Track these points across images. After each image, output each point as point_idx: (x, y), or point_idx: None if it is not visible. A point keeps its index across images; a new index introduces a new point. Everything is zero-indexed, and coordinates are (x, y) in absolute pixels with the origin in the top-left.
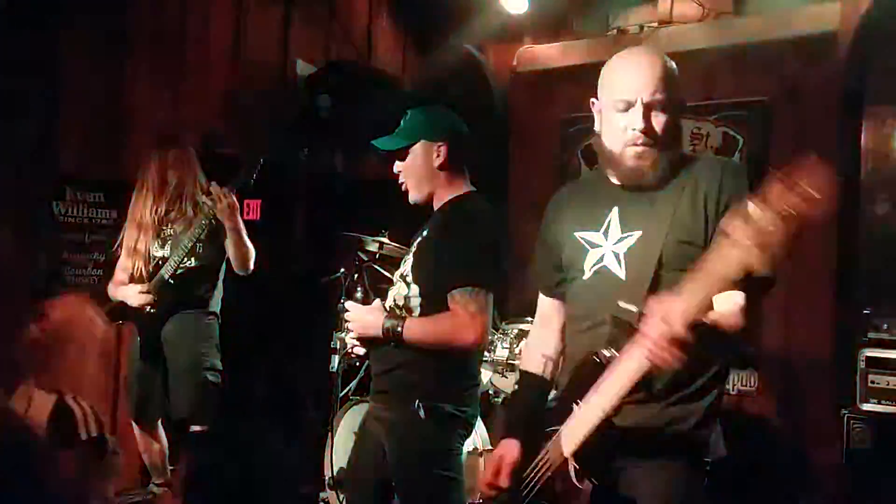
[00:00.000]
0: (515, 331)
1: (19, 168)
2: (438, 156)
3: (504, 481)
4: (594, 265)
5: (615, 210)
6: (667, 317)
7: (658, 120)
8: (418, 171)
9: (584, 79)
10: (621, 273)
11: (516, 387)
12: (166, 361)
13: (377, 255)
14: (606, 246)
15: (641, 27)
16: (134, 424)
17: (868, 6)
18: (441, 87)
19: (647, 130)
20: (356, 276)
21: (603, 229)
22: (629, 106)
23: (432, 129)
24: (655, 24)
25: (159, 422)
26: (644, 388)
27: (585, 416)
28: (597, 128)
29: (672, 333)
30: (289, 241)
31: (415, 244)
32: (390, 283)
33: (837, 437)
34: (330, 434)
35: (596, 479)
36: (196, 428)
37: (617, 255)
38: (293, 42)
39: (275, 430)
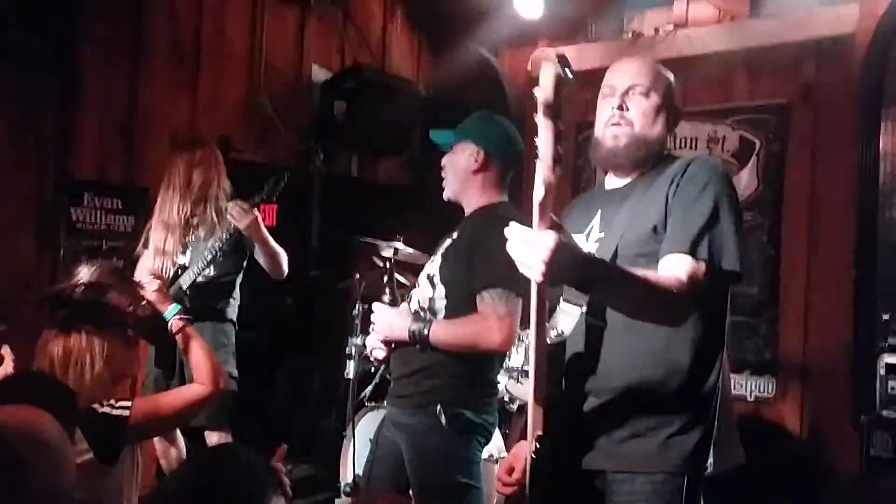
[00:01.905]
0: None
1: (37, 174)
2: (476, 161)
3: (517, 476)
4: None
5: (598, 213)
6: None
7: (634, 104)
8: (456, 169)
9: (599, 83)
10: None
11: None
12: (182, 368)
13: (392, 261)
14: (586, 247)
15: (657, 30)
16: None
17: (886, 8)
18: (456, 91)
19: (622, 108)
20: (383, 279)
21: (587, 232)
22: (613, 91)
23: (478, 135)
24: (671, 28)
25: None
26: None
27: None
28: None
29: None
30: (304, 246)
31: (443, 246)
32: (403, 287)
33: (857, 444)
34: (345, 440)
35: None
36: (214, 437)
37: None
38: (309, 47)
39: (291, 435)
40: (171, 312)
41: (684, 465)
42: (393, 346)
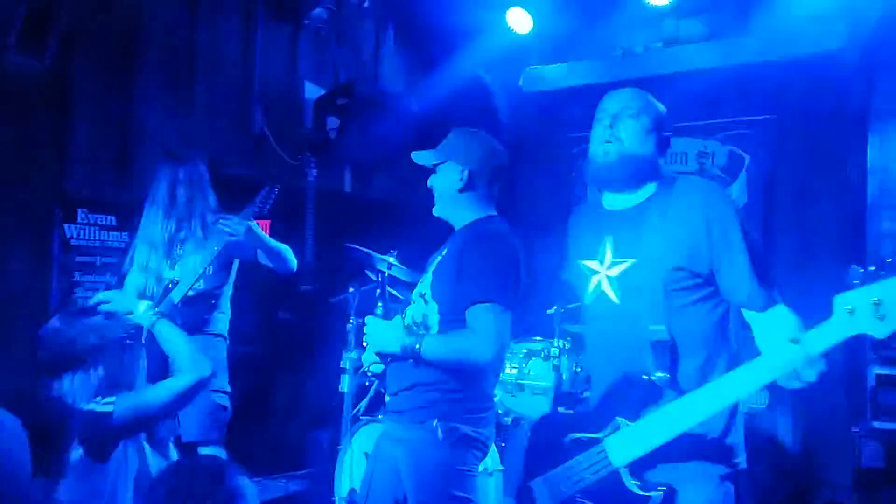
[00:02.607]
0: (524, 350)
1: (31, 190)
2: (461, 179)
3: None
4: (595, 291)
5: (610, 237)
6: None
7: (625, 124)
8: (442, 190)
9: (591, 99)
10: (616, 297)
11: None
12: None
13: (385, 274)
14: (602, 272)
15: (647, 47)
16: (146, 445)
17: (873, 25)
18: (448, 107)
19: (612, 126)
20: (377, 290)
21: (600, 258)
22: (605, 114)
23: (462, 154)
24: (661, 44)
25: (171, 443)
26: None
27: (651, 431)
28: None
29: (801, 366)
30: (298, 261)
31: (434, 262)
32: (397, 302)
33: (848, 454)
34: (340, 454)
35: (642, 488)
36: (206, 451)
37: (611, 281)
38: (302, 64)
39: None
40: (144, 310)
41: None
42: (389, 360)
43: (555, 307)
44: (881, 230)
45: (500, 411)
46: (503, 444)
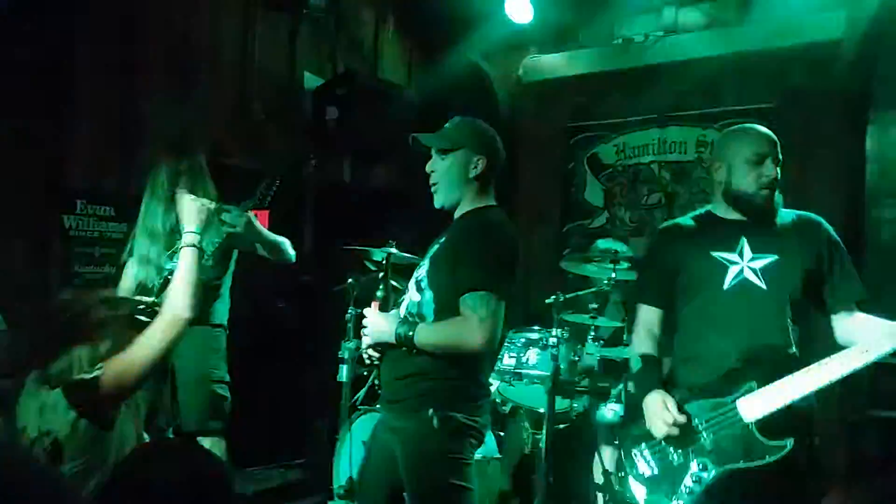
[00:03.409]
0: (522, 340)
1: (30, 181)
2: (476, 168)
3: (680, 416)
4: (736, 278)
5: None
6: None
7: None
8: (453, 177)
9: (590, 87)
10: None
11: (639, 365)
12: (174, 373)
13: (386, 264)
14: (744, 264)
15: (646, 36)
16: (145, 435)
17: (873, 14)
18: (447, 97)
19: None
20: (379, 281)
21: (738, 251)
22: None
23: (477, 141)
24: (661, 33)
25: (170, 432)
26: None
27: (781, 393)
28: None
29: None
30: (297, 251)
31: (431, 251)
32: (398, 291)
33: (846, 443)
34: (339, 443)
35: (780, 438)
36: (207, 442)
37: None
38: (301, 54)
39: (283, 439)
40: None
41: None
42: (385, 350)
43: (553, 297)
44: (880, 217)
45: (497, 400)
46: (502, 434)
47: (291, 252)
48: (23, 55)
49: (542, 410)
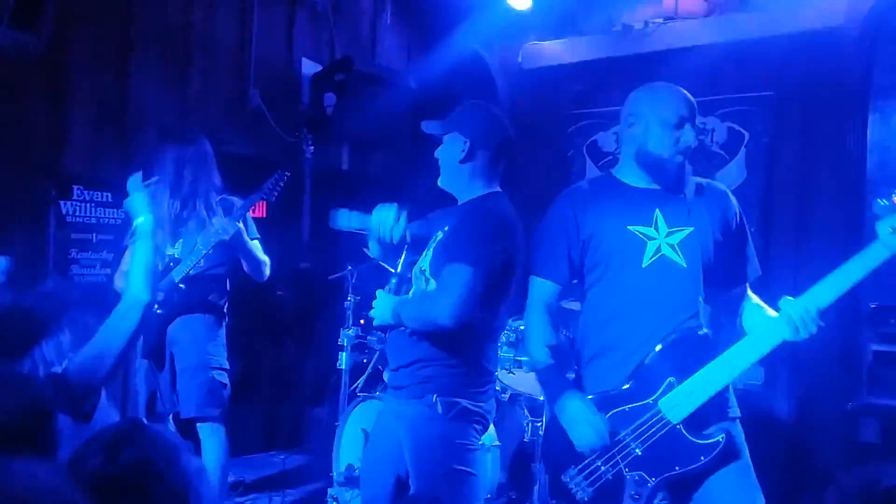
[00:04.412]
0: (522, 327)
1: (27, 167)
2: (463, 151)
3: (603, 423)
4: (652, 255)
5: (656, 210)
6: (807, 305)
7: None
8: (445, 162)
9: (589, 75)
10: (683, 261)
11: (548, 363)
12: (174, 359)
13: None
14: (660, 239)
15: (647, 23)
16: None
17: (873, 1)
18: (446, 84)
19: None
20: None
21: (654, 224)
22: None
23: (464, 125)
24: (661, 20)
25: (169, 419)
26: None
27: (701, 386)
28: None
29: (809, 317)
30: (295, 238)
31: (435, 240)
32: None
33: (844, 430)
34: (338, 431)
35: (710, 435)
36: (206, 428)
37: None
38: (299, 41)
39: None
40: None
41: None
42: (387, 331)
43: None
44: (881, 207)
45: (497, 388)
46: (501, 421)
47: (266, 273)
48: (20, 40)
49: (541, 398)
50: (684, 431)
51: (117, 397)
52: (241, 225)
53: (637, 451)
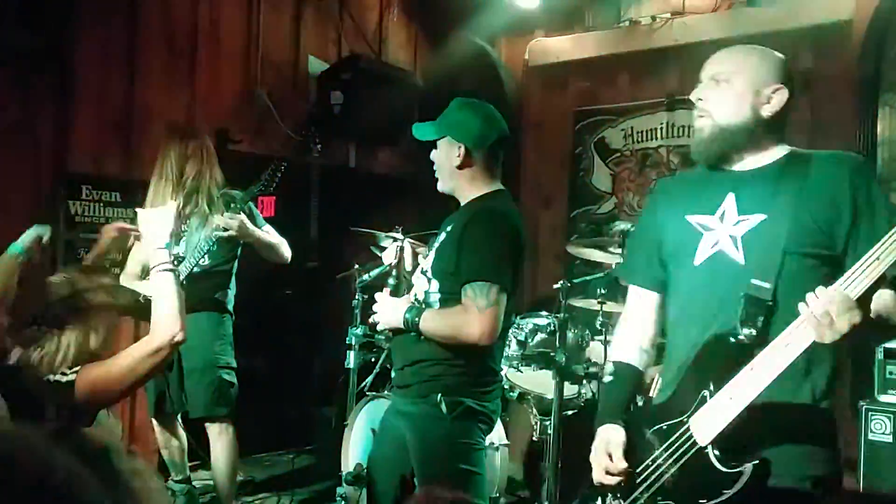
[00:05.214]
0: (530, 325)
1: (35, 168)
2: (458, 156)
3: (622, 463)
4: (708, 250)
5: (732, 195)
6: (832, 296)
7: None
8: (442, 167)
9: (597, 71)
10: (741, 258)
11: (610, 377)
12: (181, 359)
13: (401, 249)
14: (721, 230)
15: (654, 18)
16: (153, 421)
17: None
18: (453, 81)
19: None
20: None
21: (719, 213)
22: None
23: (456, 130)
24: (668, 16)
25: (178, 418)
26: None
27: (731, 400)
28: None
29: (837, 310)
30: (303, 237)
31: (438, 240)
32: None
33: (856, 428)
34: (346, 430)
35: (737, 464)
36: (215, 428)
37: (734, 239)
38: (305, 39)
39: (291, 426)
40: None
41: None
42: (394, 334)
43: (561, 282)
44: (891, 201)
45: (505, 386)
46: (508, 419)
47: (286, 254)
48: (27, 40)
49: (549, 396)
50: (712, 456)
51: (128, 399)
52: (242, 216)
53: (668, 476)
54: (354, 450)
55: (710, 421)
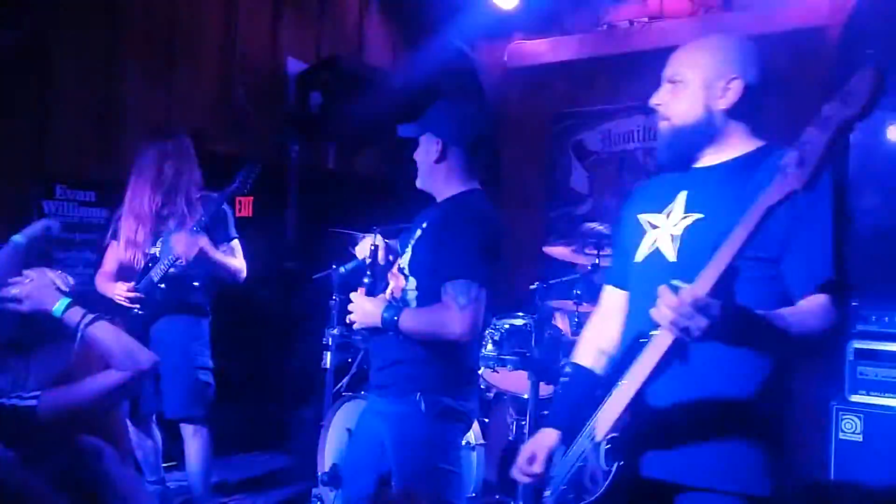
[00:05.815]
0: (506, 326)
1: (10, 166)
2: (436, 150)
3: (538, 468)
4: (648, 248)
5: (684, 192)
6: (692, 287)
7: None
8: (422, 162)
9: (575, 74)
10: (672, 256)
11: (565, 378)
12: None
13: (375, 250)
14: (663, 228)
15: (632, 22)
16: (127, 422)
17: (856, 2)
18: (432, 83)
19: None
20: (366, 267)
21: (667, 211)
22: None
23: (436, 125)
24: (646, 20)
25: (153, 419)
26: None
27: (617, 397)
28: None
29: (689, 297)
30: (280, 238)
31: (414, 238)
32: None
33: (826, 428)
34: (323, 431)
35: (625, 461)
36: (189, 429)
37: (673, 238)
38: (285, 40)
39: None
40: (59, 308)
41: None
42: (371, 334)
43: (537, 283)
44: (862, 205)
45: (482, 387)
46: (486, 420)
47: (241, 277)
48: (5, 38)
49: (525, 397)
50: (601, 452)
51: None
52: (203, 243)
53: (572, 471)
54: (331, 450)
55: (604, 417)
